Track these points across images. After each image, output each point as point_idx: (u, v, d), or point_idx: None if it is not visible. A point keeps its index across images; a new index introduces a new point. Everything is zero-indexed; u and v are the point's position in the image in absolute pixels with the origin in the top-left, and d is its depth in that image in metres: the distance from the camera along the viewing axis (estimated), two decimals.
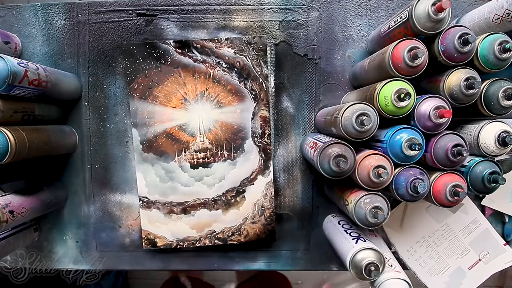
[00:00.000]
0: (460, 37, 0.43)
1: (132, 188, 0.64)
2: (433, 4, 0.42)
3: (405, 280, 0.47)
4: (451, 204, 0.47)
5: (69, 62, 0.63)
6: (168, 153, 0.62)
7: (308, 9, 0.62)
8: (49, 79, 0.54)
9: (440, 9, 0.42)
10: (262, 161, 0.62)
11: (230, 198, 0.63)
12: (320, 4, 0.62)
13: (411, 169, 0.47)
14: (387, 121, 0.47)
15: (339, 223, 0.58)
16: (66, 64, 0.63)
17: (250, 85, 0.61)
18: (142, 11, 0.62)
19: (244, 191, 0.62)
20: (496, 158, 0.48)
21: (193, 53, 0.60)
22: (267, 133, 0.62)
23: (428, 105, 0.45)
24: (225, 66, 0.60)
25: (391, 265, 0.50)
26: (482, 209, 0.63)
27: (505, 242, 0.62)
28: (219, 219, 0.63)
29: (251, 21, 0.62)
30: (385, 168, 0.44)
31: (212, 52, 0.60)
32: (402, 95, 0.44)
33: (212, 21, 0.62)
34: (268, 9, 0.62)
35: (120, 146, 0.64)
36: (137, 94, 0.60)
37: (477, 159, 0.48)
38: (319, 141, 0.50)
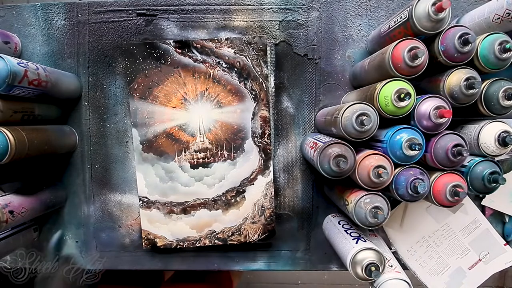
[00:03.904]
0: (460, 37, 0.43)
1: (132, 188, 0.64)
2: (433, 4, 0.42)
3: (405, 281, 0.47)
4: (451, 204, 0.46)
5: (69, 62, 0.63)
6: (168, 153, 0.62)
7: (308, 9, 0.62)
8: (49, 79, 0.54)
9: (440, 9, 0.42)
10: (262, 161, 0.62)
11: (230, 198, 0.63)
12: (320, 4, 0.62)
13: (411, 169, 0.47)
14: (387, 121, 0.47)
15: (339, 223, 0.58)
16: (66, 64, 0.63)
17: (250, 85, 0.61)
18: (142, 11, 0.62)
19: (244, 191, 0.62)
20: (496, 158, 0.48)
21: (193, 53, 0.60)
22: (267, 133, 0.62)
23: (428, 105, 0.45)
24: (225, 66, 0.60)
25: (391, 266, 0.50)
26: (482, 209, 0.63)
27: (505, 242, 0.62)
28: (219, 219, 0.63)
29: (251, 21, 0.62)
30: (385, 168, 0.44)
31: (212, 52, 0.60)
32: (402, 95, 0.44)
33: (212, 21, 0.62)
34: (268, 9, 0.62)
35: (120, 146, 0.64)
36: (137, 94, 0.60)
37: (477, 159, 0.47)
38: (319, 141, 0.50)
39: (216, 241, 0.63)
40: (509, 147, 0.46)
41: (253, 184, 0.62)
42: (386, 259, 0.50)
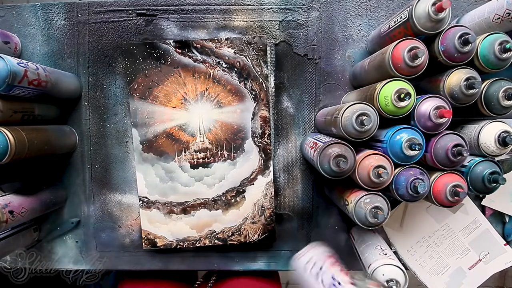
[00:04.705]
0: (460, 37, 0.43)
1: (132, 188, 0.64)
2: (433, 4, 0.42)
3: (398, 267, 0.47)
4: (451, 204, 0.46)
5: (69, 62, 0.63)
6: (168, 153, 0.61)
7: (308, 9, 0.62)
8: (49, 79, 0.54)
9: (440, 9, 0.42)
10: (262, 161, 0.62)
11: (230, 198, 0.63)
12: (320, 4, 0.61)
13: (411, 169, 0.47)
14: (387, 121, 0.47)
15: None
16: (66, 64, 0.63)
17: (250, 85, 0.61)
18: (142, 11, 0.62)
19: (244, 191, 0.62)
20: (497, 158, 0.48)
21: (193, 53, 0.60)
22: (267, 133, 0.62)
23: (428, 105, 0.45)
24: (225, 66, 0.60)
25: (386, 254, 0.51)
26: (483, 209, 0.63)
27: (505, 242, 0.62)
28: (219, 219, 0.63)
29: (251, 21, 0.62)
30: (385, 168, 0.44)
31: (212, 52, 0.60)
32: (402, 95, 0.44)
33: (212, 21, 0.62)
34: (268, 9, 0.62)
35: (120, 146, 0.64)
36: (137, 94, 0.60)
37: (477, 159, 0.47)
38: (319, 141, 0.50)
39: (216, 241, 0.63)
40: (509, 147, 0.46)
41: (253, 184, 0.62)
42: (381, 248, 0.51)
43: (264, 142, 0.62)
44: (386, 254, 0.51)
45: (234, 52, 0.60)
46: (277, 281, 0.78)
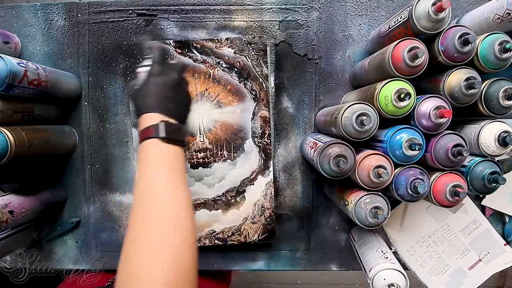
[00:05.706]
0: (460, 37, 0.43)
1: (132, 188, 0.64)
2: (433, 4, 0.42)
3: (399, 271, 0.47)
4: (451, 204, 0.46)
5: (69, 62, 0.63)
6: None
7: (308, 9, 0.62)
8: (49, 79, 0.54)
9: (440, 9, 0.42)
10: (262, 161, 0.62)
11: (230, 198, 0.63)
12: (320, 4, 0.61)
13: (411, 169, 0.47)
14: (387, 121, 0.47)
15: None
16: (66, 64, 0.63)
17: (250, 85, 0.61)
18: (142, 11, 0.62)
19: (244, 191, 0.62)
20: (497, 158, 0.48)
21: (193, 53, 0.60)
22: (267, 133, 0.62)
23: (428, 105, 0.45)
24: (225, 66, 0.60)
25: (387, 258, 0.51)
26: (483, 209, 0.63)
27: (505, 242, 0.62)
28: (219, 219, 0.63)
29: (251, 21, 0.62)
30: (385, 168, 0.44)
31: (212, 52, 0.60)
32: (402, 95, 0.44)
33: (212, 21, 0.62)
34: (268, 9, 0.62)
35: (120, 146, 0.64)
36: None
37: (478, 159, 0.47)
38: (319, 141, 0.50)
39: (216, 241, 0.63)
40: (509, 147, 0.46)
41: (253, 184, 0.62)
42: (382, 251, 0.51)
43: (264, 142, 0.62)
44: (387, 258, 0.51)
45: (234, 52, 0.60)
46: (225, 280, 0.78)
